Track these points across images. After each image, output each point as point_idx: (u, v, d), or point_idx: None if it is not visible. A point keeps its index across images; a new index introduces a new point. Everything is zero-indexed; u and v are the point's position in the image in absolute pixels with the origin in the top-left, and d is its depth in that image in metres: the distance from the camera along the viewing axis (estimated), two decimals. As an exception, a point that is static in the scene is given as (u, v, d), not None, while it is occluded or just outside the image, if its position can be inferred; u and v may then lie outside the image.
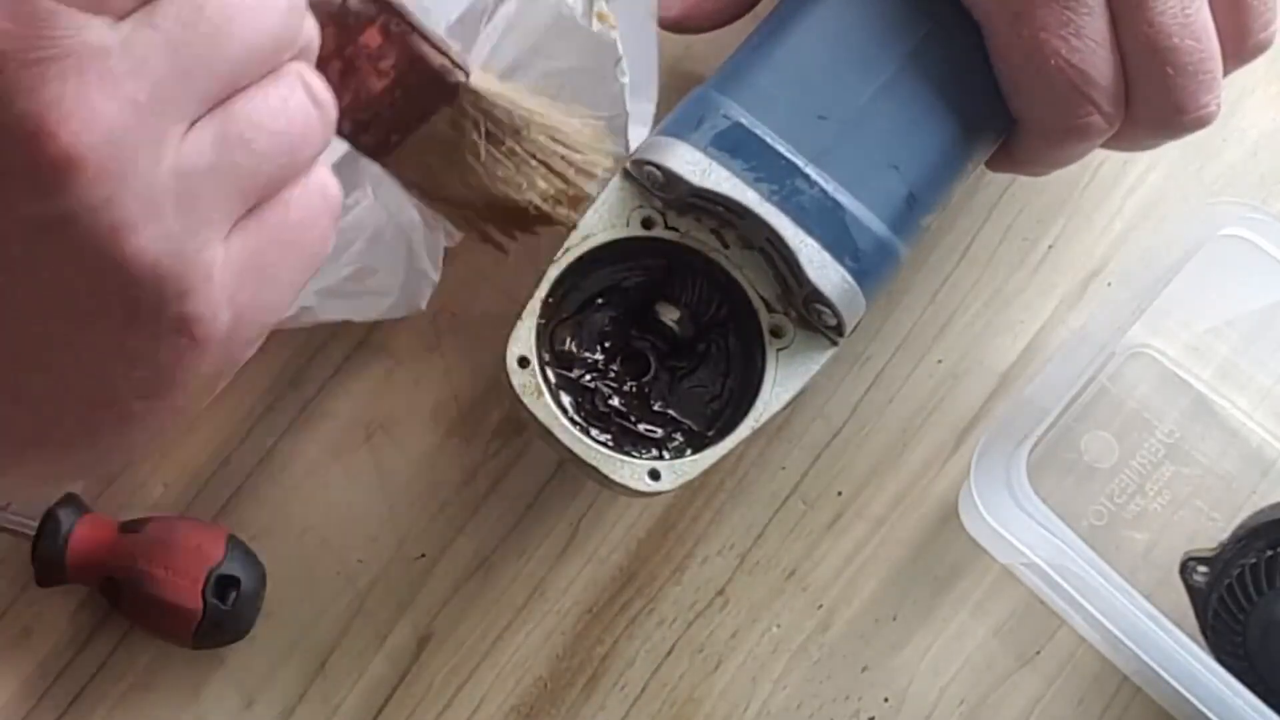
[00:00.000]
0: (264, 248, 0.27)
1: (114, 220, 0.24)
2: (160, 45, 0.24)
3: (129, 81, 0.24)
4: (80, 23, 0.24)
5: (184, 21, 0.25)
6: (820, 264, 0.39)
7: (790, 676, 0.46)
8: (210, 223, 0.26)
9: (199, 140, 0.25)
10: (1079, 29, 0.38)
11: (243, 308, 0.27)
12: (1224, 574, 0.44)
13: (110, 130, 0.24)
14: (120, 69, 0.24)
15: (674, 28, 0.47)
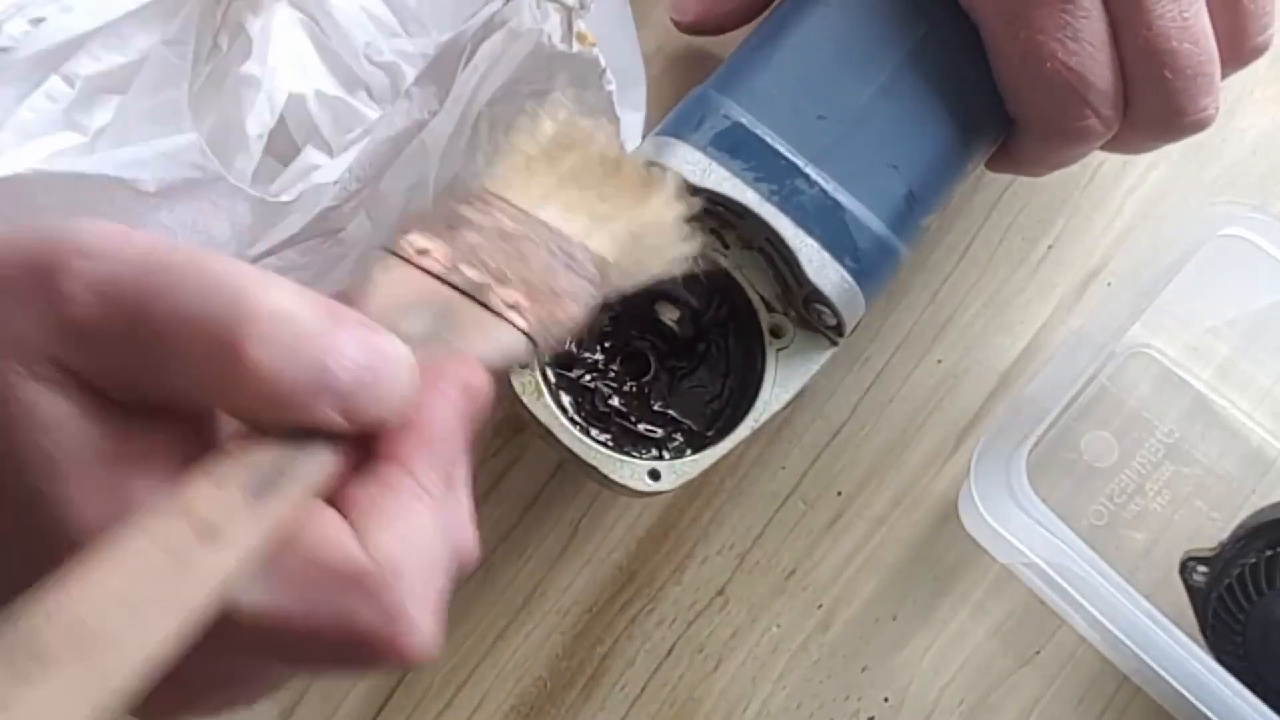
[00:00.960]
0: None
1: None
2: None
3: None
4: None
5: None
6: (820, 264, 0.39)
7: (790, 676, 0.46)
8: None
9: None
10: (1076, 32, 0.38)
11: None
12: (1224, 574, 0.44)
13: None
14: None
15: (689, 30, 0.47)
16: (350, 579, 0.25)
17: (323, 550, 0.25)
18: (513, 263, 0.31)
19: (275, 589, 0.24)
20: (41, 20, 0.41)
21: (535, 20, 0.37)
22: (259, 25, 0.43)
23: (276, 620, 0.24)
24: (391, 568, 0.25)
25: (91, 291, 0.25)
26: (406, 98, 0.37)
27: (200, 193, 0.38)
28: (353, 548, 0.25)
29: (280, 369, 0.25)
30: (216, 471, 0.24)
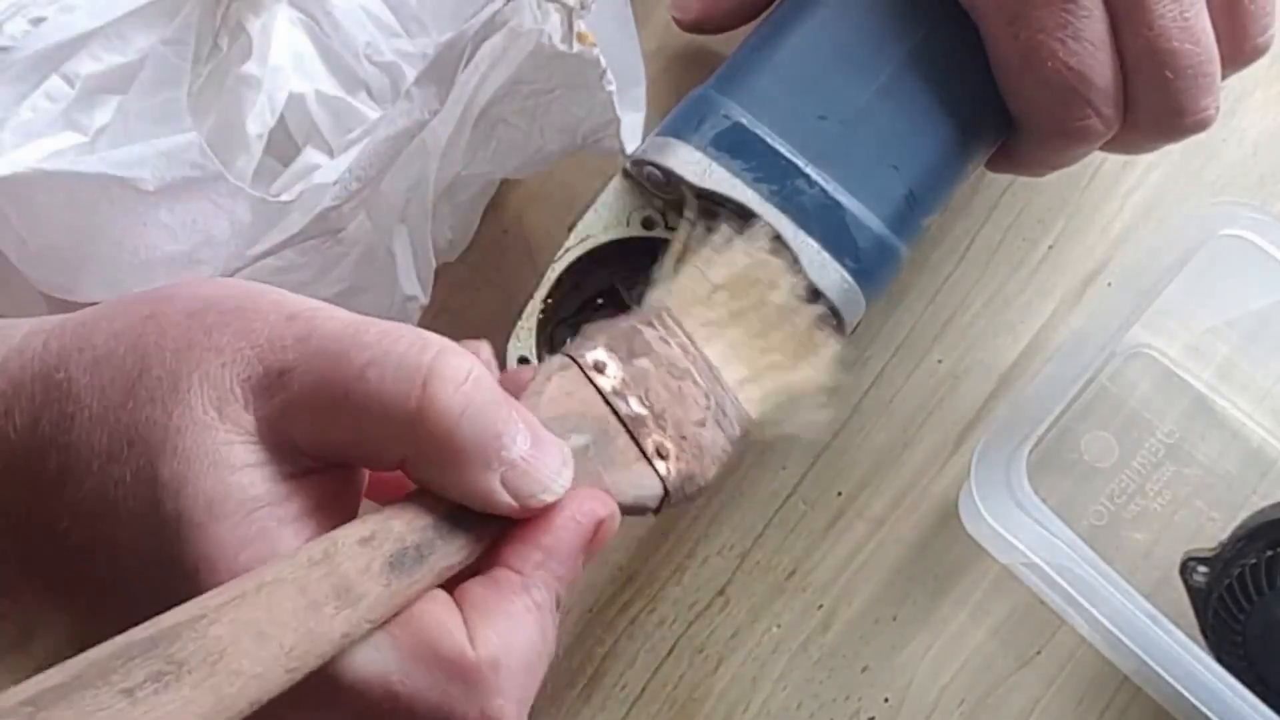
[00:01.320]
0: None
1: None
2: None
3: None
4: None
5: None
6: (820, 264, 0.39)
7: (790, 676, 0.46)
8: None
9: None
10: (1077, 31, 0.38)
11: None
12: (1224, 574, 0.44)
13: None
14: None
15: (691, 28, 0.47)
16: (456, 668, 0.27)
17: (437, 636, 0.27)
18: (673, 406, 0.33)
19: (388, 658, 0.26)
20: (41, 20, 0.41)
21: (536, 20, 0.38)
22: (259, 25, 0.43)
23: (382, 688, 0.26)
24: (493, 666, 0.27)
25: (295, 340, 0.27)
26: (407, 98, 0.37)
27: (200, 192, 0.38)
28: (463, 640, 0.27)
29: (460, 423, 0.27)
30: (368, 535, 0.26)
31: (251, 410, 0.27)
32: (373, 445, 0.27)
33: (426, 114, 0.37)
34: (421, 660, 0.26)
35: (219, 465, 0.26)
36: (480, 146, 0.42)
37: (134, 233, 0.38)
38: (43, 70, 0.41)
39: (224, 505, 0.26)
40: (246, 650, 0.23)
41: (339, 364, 0.27)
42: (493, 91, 0.40)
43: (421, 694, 0.26)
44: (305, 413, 0.27)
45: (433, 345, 0.27)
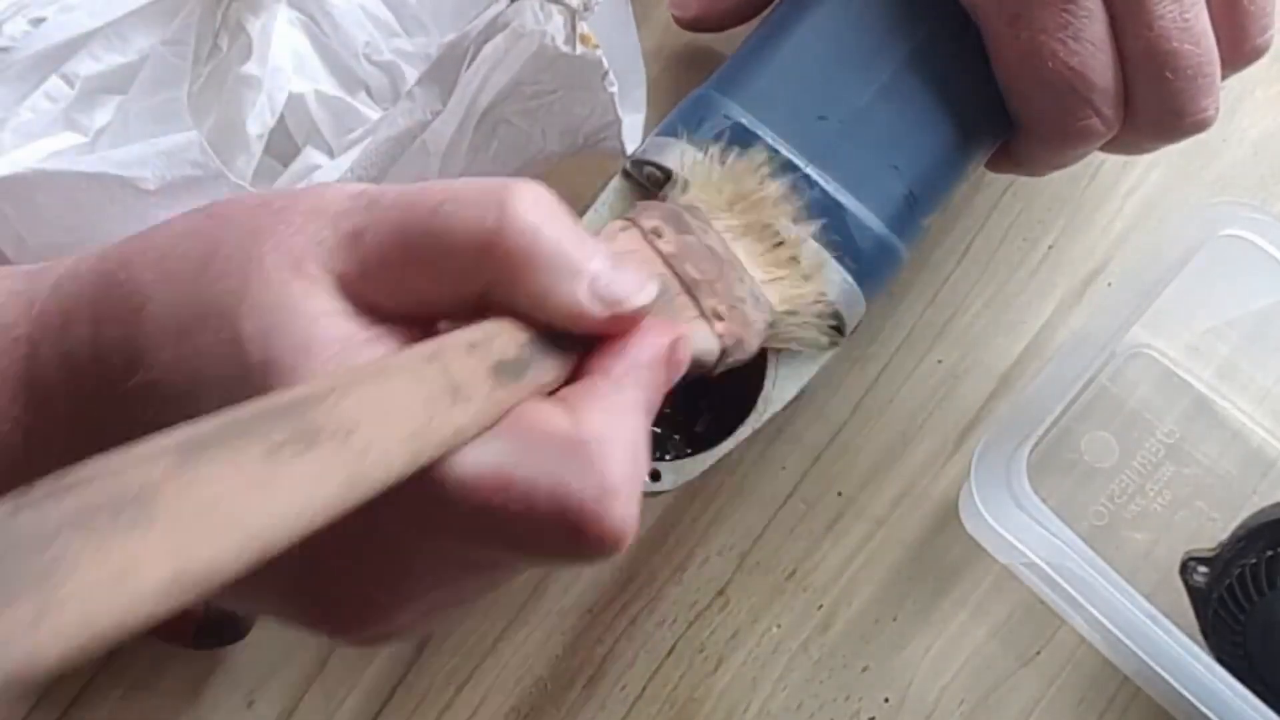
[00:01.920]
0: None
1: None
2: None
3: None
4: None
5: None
6: (820, 264, 0.39)
7: (790, 676, 0.46)
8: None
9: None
10: (1077, 32, 0.38)
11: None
12: (1224, 574, 0.44)
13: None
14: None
15: (690, 26, 0.47)
16: (566, 446, 0.26)
17: (542, 419, 0.26)
18: (720, 278, 0.34)
19: (497, 448, 0.25)
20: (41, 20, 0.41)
21: (538, 22, 0.38)
22: (259, 25, 0.43)
23: (495, 477, 0.25)
24: (600, 441, 0.26)
25: (367, 204, 0.27)
26: (409, 98, 0.37)
27: (201, 191, 0.38)
28: (567, 422, 0.26)
29: (543, 235, 0.26)
30: (472, 342, 0.26)
31: (327, 270, 0.26)
32: (453, 279, 0.27)
33: (428, 114, 0.37)
34: (530, 443, 0.26)
35: (302, 313, 0.26)
36: (482, 147, 0.42)
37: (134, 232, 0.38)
38: (43, 70, 0.41)
39: (312, 347, 0.25)
40: (375, 428, 0.22)
41: (412, 210, 0.27)
42: (495, 92, 0.40)
43: (536, 477, 0.25)
44: (382, 264, 0.26)
45: (502, 180, 0.27)
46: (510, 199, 0.26)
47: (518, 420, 0.26)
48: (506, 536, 0.26)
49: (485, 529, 0.26)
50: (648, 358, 0.28)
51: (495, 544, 0.26)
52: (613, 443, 0.26)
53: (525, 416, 0.26)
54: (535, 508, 0.25)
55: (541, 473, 0.25)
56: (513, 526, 0.25)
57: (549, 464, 0.25)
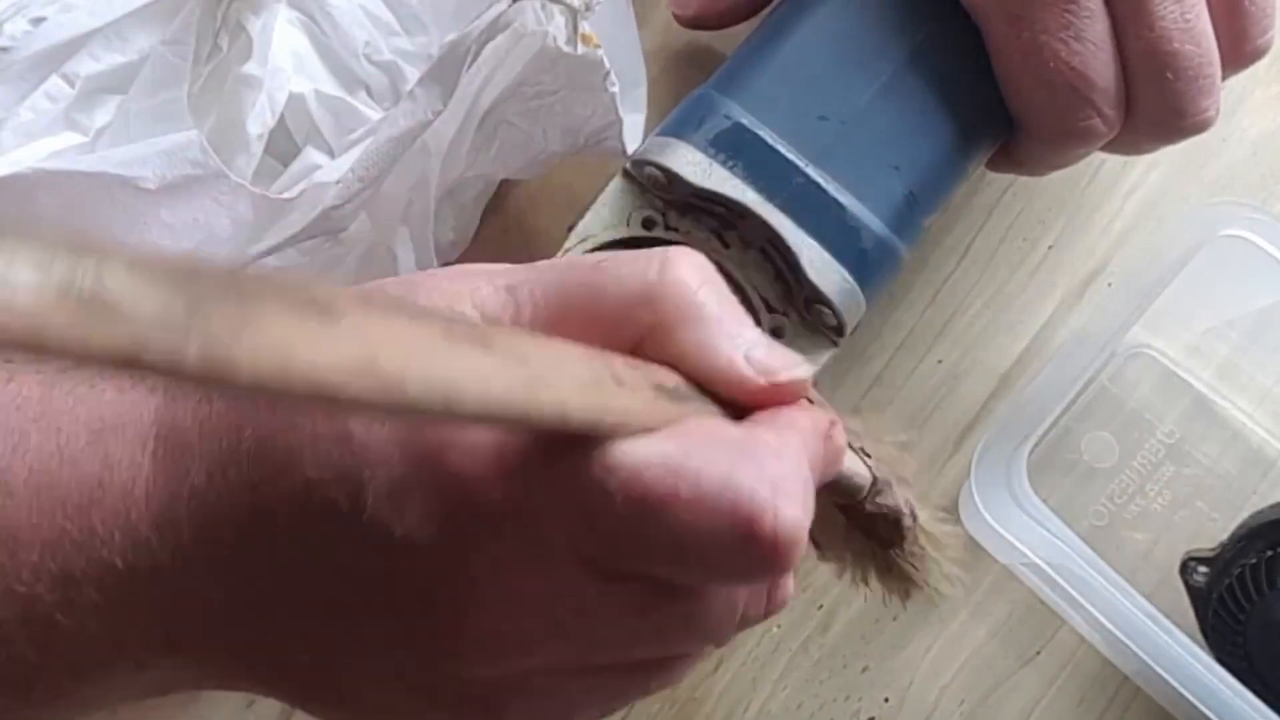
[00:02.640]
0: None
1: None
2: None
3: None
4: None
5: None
6: (820, 264, 0.39)
7: (790, 676, 0.46)
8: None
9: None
10: (1079, 32, 0.38)
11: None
12: (1224, 574, 0.44)
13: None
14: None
15: (690, 24, 0.47)
16: (737, 444, 0.25)
17: (709, 425, 0.25)
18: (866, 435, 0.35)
19: (664, 444, 0.24)
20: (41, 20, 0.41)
21: (540, 22, 0.38)
22: (259, 25, 0.43)
23: (663, 468, 0.24)
24: (775, 445, 0.25)
25: (525, 270, 0.27)
26: (410, 98, 0.37)
27: (202, 190, 0.38)
28: (739, 429, 0.26)
29: (700, 292, 0.26)
30: (632, 365, 0.25)
31: (481, 313, 0.26)
32: (609, 328, 0.26)
33: (430, 114, 0.37)
34: (702, 441, 0.24)
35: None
36: (483, 147, 0.42)
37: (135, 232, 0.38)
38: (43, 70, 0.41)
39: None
40: (548, 369, 0.22)
41: (572, 267, 0.27)
42: (497, 93, 0.40)
43: (706, 467, 0.24)
44: (537, 311, 0.26)
45: (663, 248, 0.27)
46: (671, 259, 0.27)
47: (685, 425, 0.25)
48: (669, 538, 0.24)
49: (646, 530, 0.24)
50: (807, 423, 0.27)
51: (655, 549, 0.24)
52: (786, 449, 0.25)
53: (693, 422, 0.25)
54: (704, 498, 0.23)
55: (713, 464, 0.24)
56: (679, 523, 0.24)
57: (721, 458, 0.24)
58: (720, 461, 0.24)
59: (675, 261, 0.26)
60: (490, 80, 0.39)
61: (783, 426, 0.26)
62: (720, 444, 0.24)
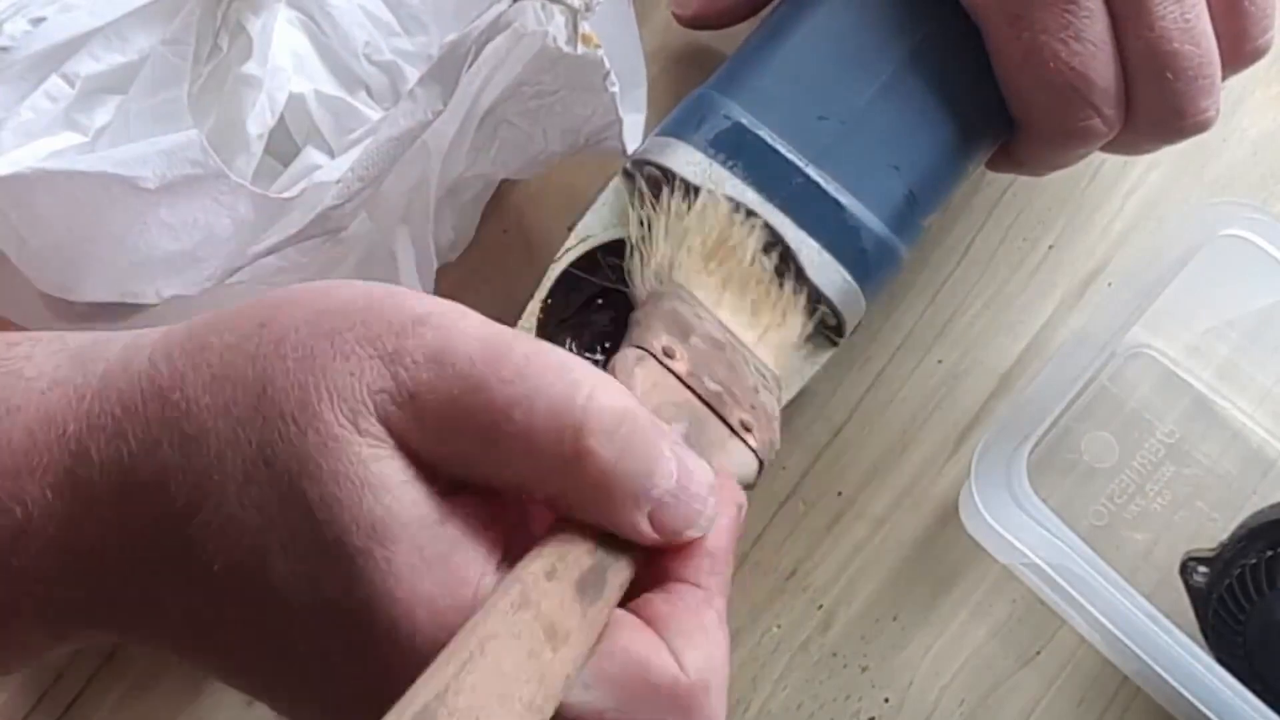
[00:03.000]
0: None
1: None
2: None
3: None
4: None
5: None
6: (820, 264, 0.39)
7: (790, 676, 0.46)
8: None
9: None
10: (1079, 32, 0.38)
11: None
12: (1224, 574, 0.44)
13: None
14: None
15: (690, 24, 0.48)
16: (672, 696, 0.26)
17: (648, 665, 0.26)
18: (733, 378, 0.33)
19: (604, 696, 0.26)
20: (41, 20, 0.41)
21: (540, 22, 0.37)
22: (259, 25, 0.43)
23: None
24: (704, 689, 0.26)
25: (427, 357, 0.26)
26: (410, 98, 0.37)
27: (201, 189, 0.38)
28: (674, 666, 0.26)
29: (614, 469, 0.26)
30: (549, 568, 0.25)
31: (387, 425, 0.26)
32: (518, 482, 0.26)
33: (429, 115, 0.37)
34: (637, 693, 0.26)
35: (371, 486, 0.25)
36: (483, 147, 0.42)
37: (135, 231, 0.38)
38: (43, 70, 0.41)
39: (388, 530, 0.25)
40: (496, 715, 0.23)
41: (479, 397, 0.26)
42: (497, 93, 0.40)
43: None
44: (443, 441, 0.26)
45: (584, 385, 0.26)
46: (589, 429, 0.26)
47: (620, 662, 0.26)
48: None
49: None
50: (725, 549, 0.28)
51: None
52: (715, 689, 0.27)
53: (628, 659, 0.26)
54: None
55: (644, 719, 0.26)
56: None
57: (652, 713, 0.26)
58: (648, 716, 0.26)
59: (594, 436, 0.26)
60: (490, 80, 0.39)
61: (707, 583, 0.28)
62: (656, 699, 0.26)
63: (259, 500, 0.25)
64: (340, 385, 0.26)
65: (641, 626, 0.27)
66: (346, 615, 0.25)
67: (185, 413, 0.26)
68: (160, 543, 0.27)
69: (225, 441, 0.26)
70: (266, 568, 0.25)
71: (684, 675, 0.26)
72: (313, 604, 0.26)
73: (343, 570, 0.25)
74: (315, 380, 0.26)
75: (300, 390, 0.26)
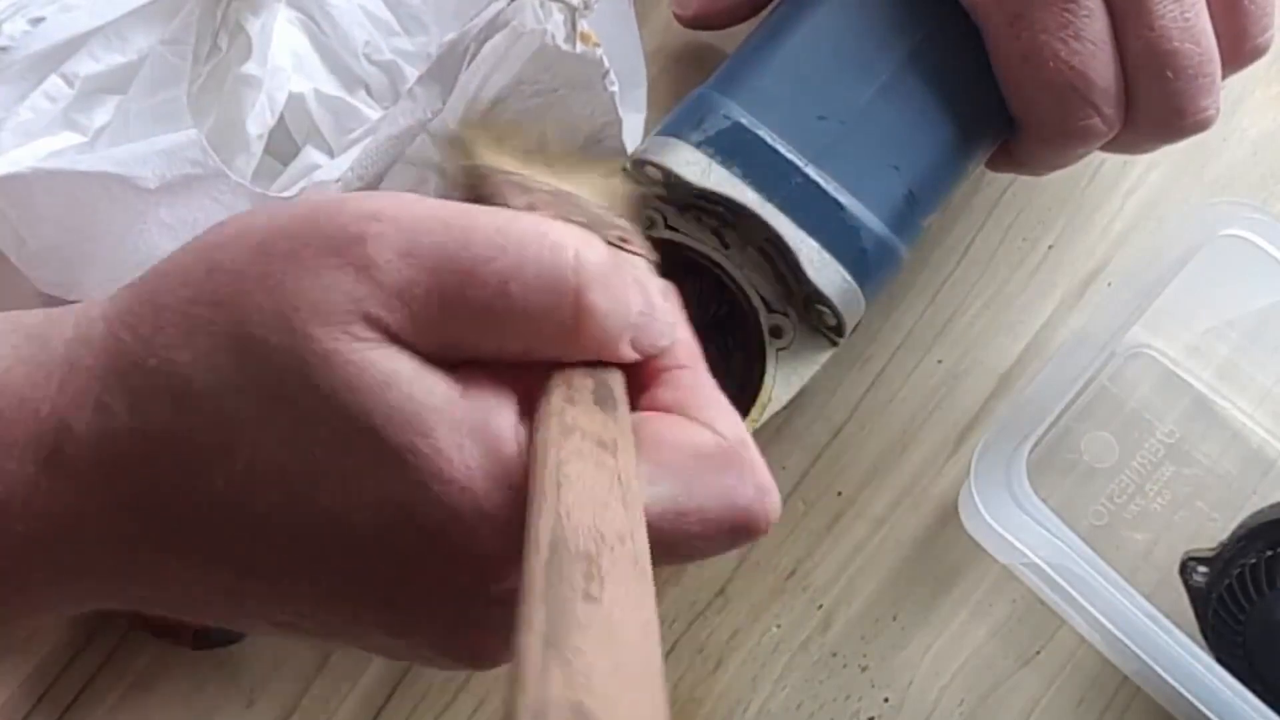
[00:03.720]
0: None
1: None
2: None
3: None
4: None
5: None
6: (820, 264, 0.39)
7: (790, 676, 0.46)
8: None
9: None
10: (1078, 31, 0.38)
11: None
12: (1224, 574, 0.44)
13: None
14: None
15: (691, 24, 0.48)
16: (724, 460, 0.28)
17: (690, 441, 0.27)
18: (586, 213, 0.34)
19: (670, 484, 0.27)
20: (41, 20, 0.41)
21: (538, 20, 0.37)
22: (259, 25, 0.43)
23: (673, 515, 0.26)
24: (744, 445, 0.28)
25: (397, 253, 0.26)
26: (409, 97, 0.37)
27: (201, 189, 0.38)
28: (710, 434, 0.28)
29: (608, 316, 0.27)
30: (566, 395, 0.27)
31: (378, 327, 0.25)
32: (520, 350, 0.27)
33: (428, 113, 0.37)
34: (696, 469, 0.27)
35: (387, 384, 0.25)
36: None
37: (134, 231, 0.38)
38: (42, 70, 0.41)
39: (420, 418, 0.25)
40: (605, 521, 0.23)
41: (465, 282, 0.26)
42: (496, 91, 0.40)
43: (708, 499, 0.27)
44: (439, 331, 0.26)
45: (566, 245, 0.27)
46: (585, 290, 0.26)
47: (667, 448, 0.27)
48: (688, 553, 0.27)
49: (668, 554, 0.26)
50: (685, 330, 0.30)
51: (675, 560, 0.28)
52: (748, 442, 0.28)
53: (672, 441, 0.27)
54: (710, 525, 0.27)
55: (710, 494, 0.27)
56: (694, 544, 0.27)
57: (714, 481, 0.27)
58: (714, 487, 0.27)
59: (591, 296, 0.26)
60: (489, 79, 0.39)
61: (694, 361, 0.30)
62: (708, 467, 0.27)
63: (282, 437, 0.25)
64: (318, 301, 0.25)
65: (664, 416, 0.28)
66: (409, 511, 0.25)
67: (168, 375, 0.26)
68: (176, 503, 0.26)
69: (223, 391, 0.25)
70: (314, 498, 0.25)
71: (724, 438, 0.28)
72: (375, 516, 0.25)
73: (392, 472, 0.25)
74: (292, 304, 0.25)
75: (280, 319, 0.25)
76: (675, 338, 0.30)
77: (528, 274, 0.26)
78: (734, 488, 0.27)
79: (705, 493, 0.27)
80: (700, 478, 0.27)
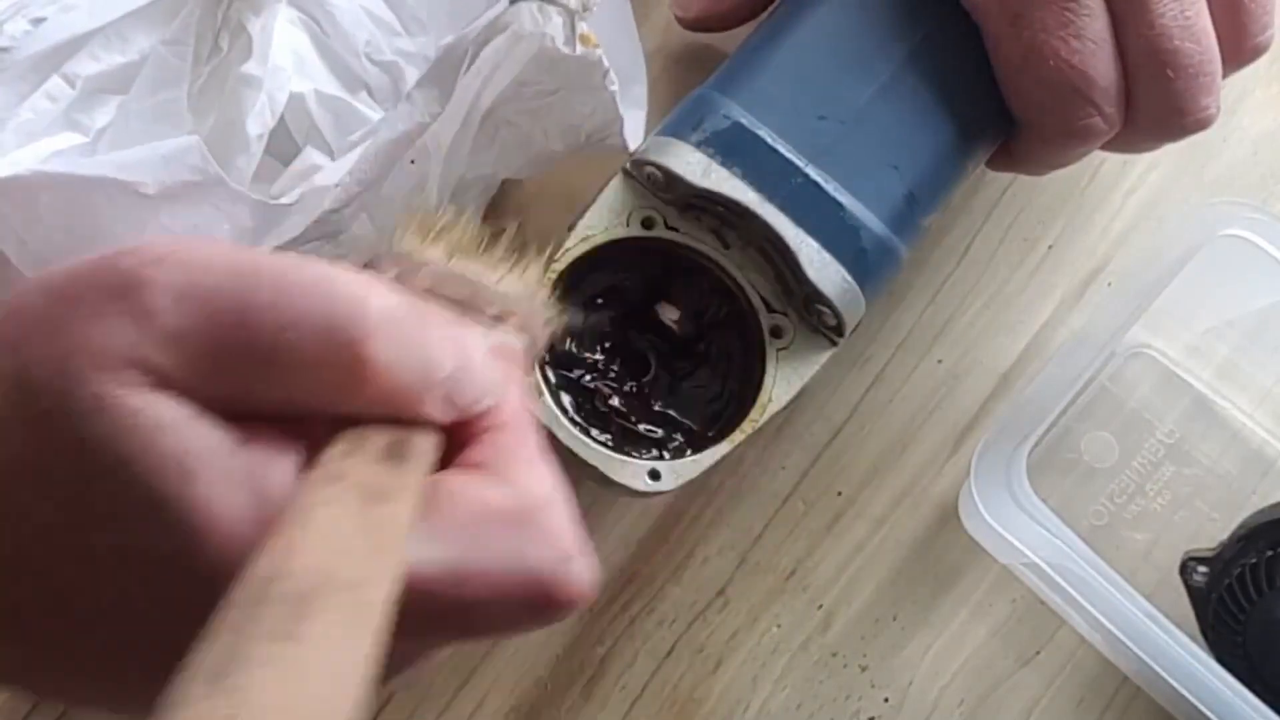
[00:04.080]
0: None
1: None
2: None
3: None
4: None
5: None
6: (820, 264, 0.39)
7: (790, 676, 0.46)
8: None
9: None
10: (1079, 30, 0.38)
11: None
12: (1224, 574, 0.44)
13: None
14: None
15: (692, 26, 0.48)
16: (514, 517, 0.25)
17: (481, 498, 0.25)
18: (477, 293, 0.32)
19: (448, 541, 0.25)
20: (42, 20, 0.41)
21: (537, 24, 0.38)
22: (259, 25, 0.43)
23: (457, 574, 0.24)
24: (547, 505, 0.26)
25: (175, 299, 0.25)
26: (409, 100, 0.37)
27: (201, 195, 0.38)
28: (511, 492, 0.26)
29: (396, 369, 0.25)
30: (346, 449, 0.25)
31: (156, 374, 0.24)
32: (305, 402, 0.25)
33: (428, 117, 0.37)
34: (481, 527, 0.25)
35: (159, 431, 0.24)
36: (484, 148, 0.42)
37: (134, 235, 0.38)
38: (43, 70, 0.41)
39: (190, 467, 0.24)
40: (350, 569, 0.22)
41: (242, 329, 0.25)
42: (496, 94, 0.40)
43: (494, 559, 0.25)
44: (217, 379, 0.25)
45: (345, 295, 0.25)
46: (368, 340, 0.25)
47: (456, 504, 0.25)
48: (475, 625, 0.25)
49: (452, 625, 0.25)
50: (516, 394, 0.28)
51: (463, 635, 0.25)
52: (555, 503, 0.26)
53: (462, 497, 0.25)
54: (496, 590, 0.25)
55: (495, 556, 0.25)
56: (480, 615, 0.25)
57: (502, 540, 0.25)
58: (504, 548, 0.25)
59: (373, 345, 0.25)
60: (490, 81, 0.39)
61: (517, 424, 0.27)
62: (498, 527, 0.25)
63: (57, 480, 0.24)
64: (96, 347, 0.24)
65: (464, 473, 0.26)
66: (179, 562, 0.24)
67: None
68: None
69: (3, 435, 0.25)
70: (91, 547, 0.25)
71: (525, 496, 0.26)
72: (146, 566, 0.25)
73: (162, 520, 0.24)
74: (71, 348, 0.24)
75: (57, 363, 0.24)
76: (500, 399, 0.27)
77: (306, 322, 0.25)
78: (523, 550, 0.25)
79: (490, 554, 0.25)
80: (485, 537, 0.25)
